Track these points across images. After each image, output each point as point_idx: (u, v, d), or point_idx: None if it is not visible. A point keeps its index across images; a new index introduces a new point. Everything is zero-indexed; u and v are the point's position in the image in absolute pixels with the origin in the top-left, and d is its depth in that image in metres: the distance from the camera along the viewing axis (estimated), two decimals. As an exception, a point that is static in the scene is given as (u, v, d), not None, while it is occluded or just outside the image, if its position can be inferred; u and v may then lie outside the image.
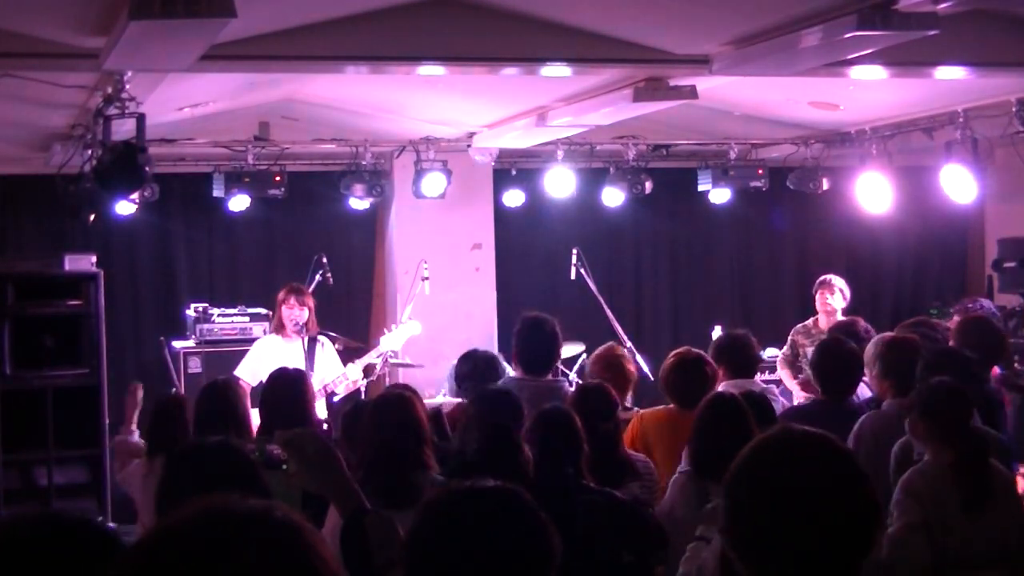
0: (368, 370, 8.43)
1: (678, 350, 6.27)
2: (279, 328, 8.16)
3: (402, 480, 4.33)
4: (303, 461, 2.88)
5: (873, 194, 10.13)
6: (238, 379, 7.65)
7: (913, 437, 4.68)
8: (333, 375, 8.00)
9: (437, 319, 9.58)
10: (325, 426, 6.51)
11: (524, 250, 11.38)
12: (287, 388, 5.92)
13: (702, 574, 3.77)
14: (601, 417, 5.15)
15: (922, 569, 4.35)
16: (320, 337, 8.20)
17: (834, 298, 8.99)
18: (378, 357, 8.52)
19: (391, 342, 8.40)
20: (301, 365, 7.89)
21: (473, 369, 6.53)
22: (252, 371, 7.81)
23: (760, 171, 10.81)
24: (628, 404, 6.40)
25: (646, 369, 8.51)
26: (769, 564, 2.15)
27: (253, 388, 7.37)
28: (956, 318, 7.75)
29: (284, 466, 2.94)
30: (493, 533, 2.27)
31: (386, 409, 4.79)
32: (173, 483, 3.28)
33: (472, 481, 2.40)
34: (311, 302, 8.19)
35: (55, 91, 6.87)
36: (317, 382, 7.89)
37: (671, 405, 5.94)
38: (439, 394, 8.47)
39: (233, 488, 2.86)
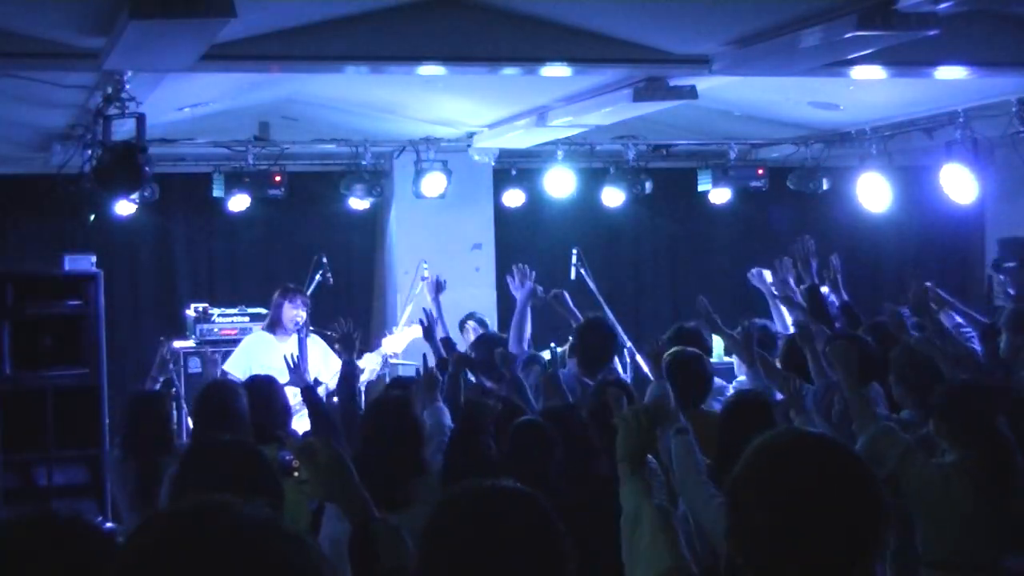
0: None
1: (674, 349, 6.28)
2: (274, 326, 8.17)
3: (396, 482, 4.33)
4: (314, 468, 2.88)
5: (873, 194, 10.13)
6: (227, 374, 7.67)
7: (938, 437, 4.62)
8: (328, 368, 8.01)
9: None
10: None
11: (524, 250, 11.35)
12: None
13: None
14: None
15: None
16: (312, 334, 8.22)
17: None
18: (380, 359, 8.53)
19: (393, 345, 8.41)
20: (292, 357, 7.90)
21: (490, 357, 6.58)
22: (243, 367, 7.82)
23: (760, 171, 10.81)
24: None
25: (646, 369, 8.50)
26: (774, 566, 2.14)
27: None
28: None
29: (296, 473, 2.94)
30: (505, 533, 2.29)
31: (381, 413, 4.79)
32: (188, 480, 3.26)
33: (492, 481, 2.43)
34: (308, 302, 8.25)
35: (55, 91, 6.88)
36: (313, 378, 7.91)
37: None
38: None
39: (248, 488, 2.87)
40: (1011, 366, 6.27)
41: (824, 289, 7.56)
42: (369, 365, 8.11)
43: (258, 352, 8.06)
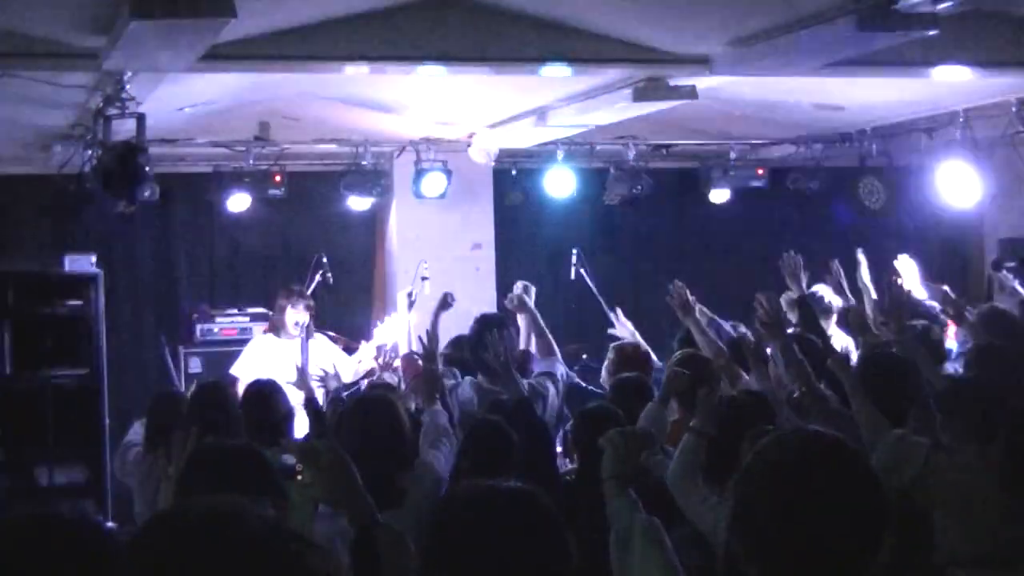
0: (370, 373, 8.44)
1: (685, 350, 6.29)
2: (278, 328, 8.17)
3: (386, 480, 4.33)
4: (317, 471, 2.88)
5: (874, 194, 10.13)
6: (236, 379, 7.68)
7: (947, 436, 4.60)
8: (332, 366, 8.02)
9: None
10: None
11: (524, 250, 11.37)
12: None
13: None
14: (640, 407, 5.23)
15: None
16: (315, 334, 8.24)
17: None
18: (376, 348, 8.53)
19: (385, 335, 8.42)
20: (298, 363, 7.92)
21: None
22: (250, 371, 7.83)
23: (760, 171, 10.81)
24: None
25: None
26: (776, 563, 2.15)
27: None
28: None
29: (299, 476, 2.94)
30: (509, 534, 2.29)
31: (367, 410, 4.80)
32: (191, 482, 3.26)
33: (493, 481, 2.44)
34: (312, 304, 8.26)
35: (55, 91, 6.87)
36: (315, 378, 7.91)
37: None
38: None
39: (251, 490, 2.87)
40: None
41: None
42: (366, 355, 8.13)
43: (264, 355, 8.07)
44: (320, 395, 7.78)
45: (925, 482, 4.39)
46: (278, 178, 9.86)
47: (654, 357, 7.31)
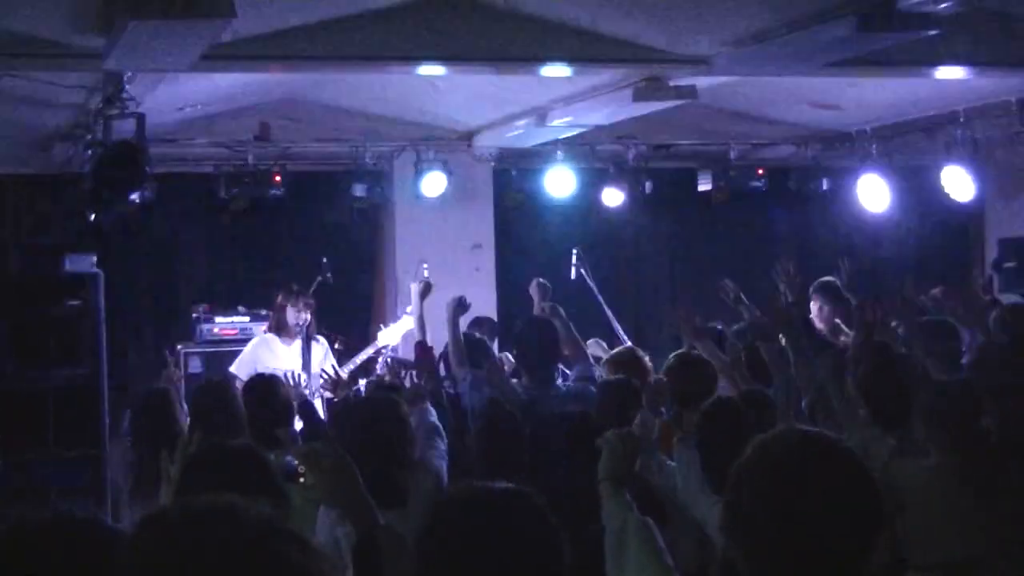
0: (368, 367, 8.44)
1: (679, 351, 6.28)
2: (279, 328, 8.17)
3: (388, 481, 4.34)
4: (320, 474, 2.89)
5: (873, 194, 10.13)
6: (235, 377, 7.69)
7: (922, 439, 4.61)
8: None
9: (437, 319, 9.56)
10: None
11: (524, 250, 11.37)
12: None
13: None
14: (629, 408, 5.23)
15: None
16: (317, 336, 8.24)
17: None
18: (376, 353, 8.53)
19: (388, 337, 8.42)
20: (298, 365, 7.93)
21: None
22: (249, 370, 7.82)
23: (760, 171, 10.81)
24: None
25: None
26: (775, 563, 2.15)
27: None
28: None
29: (301, 479, 2.95)
30: (503, 535, 2.29)
31: (369, 410, 4.81)
32: (191, 483, 3.25)
33: (485, 483, 2.44)
34: (313, 303, 8.26)
35: (55, 91, 6.88)
36: (315, 381, 7.91)
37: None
38: None
39: (251, 492, 2.87)
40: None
41: None
42: (364, 357, 8.16)
43: (264, 355, 8.07)
44: (318, 403, 7.80)
45: (884, 482, 4.39)
46: (278, 178, 9.85)
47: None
